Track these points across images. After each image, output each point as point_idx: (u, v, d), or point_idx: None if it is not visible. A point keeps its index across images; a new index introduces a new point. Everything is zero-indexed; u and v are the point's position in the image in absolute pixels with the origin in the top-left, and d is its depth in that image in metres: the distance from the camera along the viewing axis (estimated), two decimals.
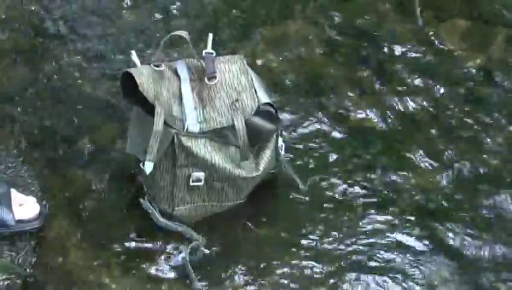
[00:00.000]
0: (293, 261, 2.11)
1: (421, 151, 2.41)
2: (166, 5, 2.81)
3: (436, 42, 2.79)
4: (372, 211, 2.24)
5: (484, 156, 2.42)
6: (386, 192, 2.29)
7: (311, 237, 2.17)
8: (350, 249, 2.15)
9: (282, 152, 2.22)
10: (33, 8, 2.73)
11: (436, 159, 2.39)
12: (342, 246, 2.15)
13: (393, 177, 2.33)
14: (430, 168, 2.37)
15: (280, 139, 2.21)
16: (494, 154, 2.43)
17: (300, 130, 2.43)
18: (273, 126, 2.14)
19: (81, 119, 2.39)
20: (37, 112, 2.39)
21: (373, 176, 2.33)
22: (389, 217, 2.23)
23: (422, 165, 2.37)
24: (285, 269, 2.09)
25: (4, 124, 2.34)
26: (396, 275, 2.10)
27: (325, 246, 2.15)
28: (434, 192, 2.30)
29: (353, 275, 2.09)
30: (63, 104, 2.43)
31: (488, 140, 2.47)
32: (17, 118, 2.37)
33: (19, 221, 2.04)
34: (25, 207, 2.06)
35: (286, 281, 2.07)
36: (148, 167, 1.99)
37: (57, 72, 2.52)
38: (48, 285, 2.00)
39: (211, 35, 2.15)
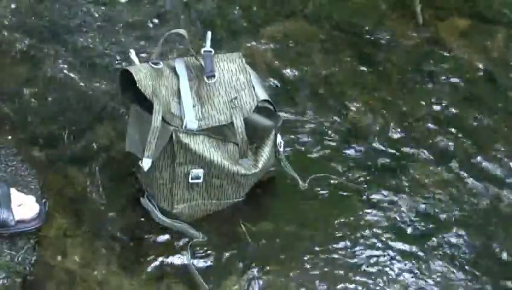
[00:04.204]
0: (293, 260, 2.11)
1: (419, 149, 2.41)
2: (166, 3, 2.82)
3: (436, 41, 2.80)
4: (373, 209, 2.24)
5: (483, 154, 2.42)
6: (386, 190, 2.29)
7: (310, 235, 2.16)
8: (351, 247, 2.15)
9: (281, 149, 2.22)
10: (32, 8, 2.74)
11: (435, 158, 2.40)
12: (342, 245, 2.15)
13: (393, 175, 2.33)
14: (429, 166, 2.37)
15: (279, 137, 2.21)
16: (494, 152, 2.43)
17: (300, 128, 2.44)
18: (271, 123, 2.14)
19: (80, 117, 2.39)
20: (36, 111, 2.40)
21: (373, 174, 2.33)
22: (390, 215, 2.23)
23: (421, 163, 2.37)
24: (285, 268, 2.09)
25: (4, 123, 2.34)
26: (399, 274, 2.09)
27: (326, 244, 2.15)
28: (433, 190, 2.30)
29: (353, 274, 2.09)
30: (62, 102, 2.43)
31: (488, 139, 2.47)
32: (17, 117, 2.37)
33: (19, 221, 2.04)
34: (25, 207, 2.06)
35: (285, 280, 2.06)
36: (146, 163, 1.99)
37: (56, 71, 2.52)
38: (47, 284, 2.00)
39: (209, 34, 2.15)
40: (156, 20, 2.75)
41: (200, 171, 2.08)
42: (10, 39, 2.61)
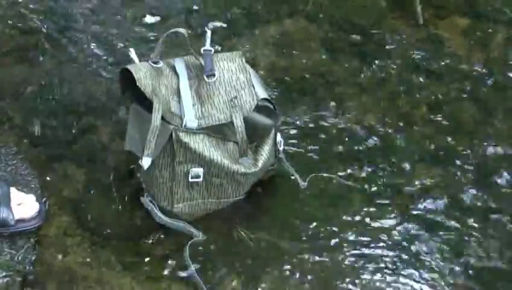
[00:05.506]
0: (293, 261, 2.10)
1: (419, 149, 2.41)
2: (165, 2, 2.82)
3: (436, 40, 2.80)
4: (374, 208, 2.23)
5: (483, 153, 2.42)
6: (386, 189, 2.29)
7: (311, 235, 2.16)
8: (351, 247, 2.14)
9: (281, 148, 2.22)
10: (32, 6, 2.74)
11: (434, 157, 2.39)
12: (342, 245, 2.14)
13: (393, 174, 2.33)
14: (428, 165, 2.37)
15: (279, 135, 2.21)
16: (494, 151, 2.43)
17: (300, 127, 2.44)
18: (271, 122, 2.14)
19: (80, 116, 2.39)
20: (36, 110, 2.40)
21: (373, 173, 2.33)
22: (391, 214, 2.22)
23: (420, 162, 2.37)
24: (285, 268, 2.08)
25: (3, 122, 2.35)
26: (400, 273, 2.09)
27: (326, 243, 2.14)
28: (433, 188, 2.30)
29: (353, 275, 2.08)
30: (61, 101, 2.44)
31: (487, 138, 2.47)
32: (17, 116, 2.37)
33: (19, 220, 2.04)
34: (25, 206, 2.06)
35: (285, 281, 2.06)
36: (145, 162, 1.99)
37: (55, 70, 2.52)
38: (47, 283, 1.99)
39: (209, 33, 2.15)
40: (157, 18, 2.75)
41: (199, 170, 2.08)
42: (10, 38, 2.62)
